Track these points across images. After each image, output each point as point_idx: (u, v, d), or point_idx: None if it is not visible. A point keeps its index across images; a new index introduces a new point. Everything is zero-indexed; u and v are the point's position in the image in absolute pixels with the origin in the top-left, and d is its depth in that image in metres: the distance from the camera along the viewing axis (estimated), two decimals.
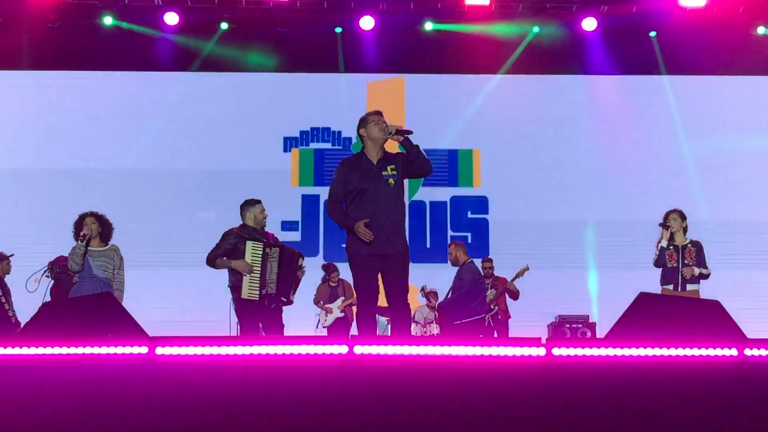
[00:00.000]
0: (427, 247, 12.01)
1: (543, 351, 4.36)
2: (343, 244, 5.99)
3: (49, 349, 4.34)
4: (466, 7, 11.61)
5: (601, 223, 11.98)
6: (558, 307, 10.84)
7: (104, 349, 4.36)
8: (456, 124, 12.10)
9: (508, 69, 12.12)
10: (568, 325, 10.24)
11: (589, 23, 11.81)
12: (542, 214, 11.97)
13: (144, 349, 4.36)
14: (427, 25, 11.85)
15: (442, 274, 10.14)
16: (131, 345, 4.37)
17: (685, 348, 4.38)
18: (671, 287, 7.78)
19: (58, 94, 11.98)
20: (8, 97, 11.97)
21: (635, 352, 4.37)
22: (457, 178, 12.20)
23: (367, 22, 11.76)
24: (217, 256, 7.06)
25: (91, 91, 11.98)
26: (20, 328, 7.11)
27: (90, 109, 11.93)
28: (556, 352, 4.36)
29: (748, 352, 4.42)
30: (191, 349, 4.32)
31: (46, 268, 7.85)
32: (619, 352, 4.37)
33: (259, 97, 12.19)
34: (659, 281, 7.89)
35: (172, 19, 11.61)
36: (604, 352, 4.38)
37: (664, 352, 4.37)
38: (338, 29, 11.91)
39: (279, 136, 12.17)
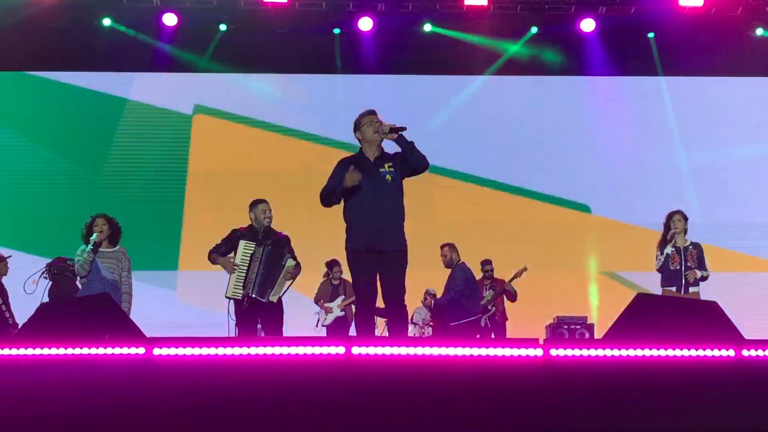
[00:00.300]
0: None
1: (540, 352, 4.36)
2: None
3: (46, 350, 4.33)
4: (465, 8, 11.61)
5: (601, 225, 11.98)
6: (556, 309, 10.82)
7: (101, 350, 4.35)
8: (454, 124, 12.09)
9: (504, 71, 12.10)
10: (566, 326, 10.21)
11: (588, 24, 11.80)
12: (541, 215, 11.97)
13: (141, 350, 4.35)
14: (426, 27, 11.82)
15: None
16: (128, 346, 4.36)
17: (682, 349, 4.39)
18: (674, 289, 7.68)
19: (58, 95, 11.96)
20: (8, 98, 11.96)
21: (632, 353, 4.37)
22: None
23: (365, 24, 11.75)
24: (214, 253, 7.11)
25: (90, 92, 11.96)
26: (17, 329, 7.11)
27: (89, 110, 11.91)
28: (554, 352, 4.37)
29: (745, 353, 4.43)
30: (188, 350, 4.32)
31: (44, 270, 7.82)
32: (617, 353, 4.37)
33: (260, 98, 12.19)
34: (660, 283, 7.78)
35: (170, 21, 11.61)
36: (602, 353, 4.38)
37: (662, 353, 4.37)
38: (336, 30, 11.89)
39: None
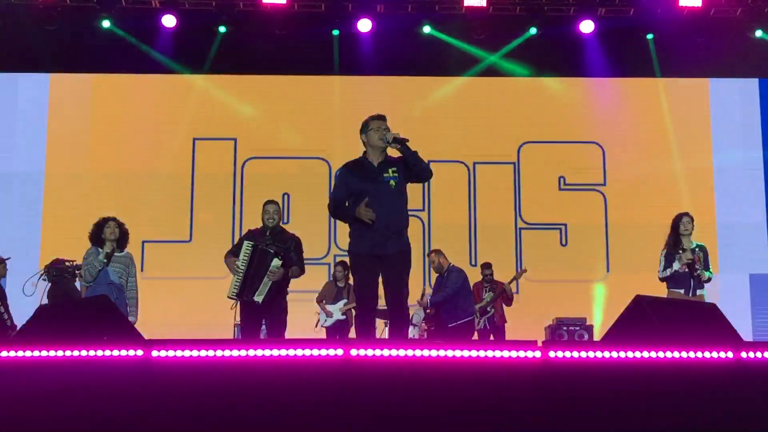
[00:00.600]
0: None
1: (539, 354, 4.36)
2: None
3: (45, 353, 4.32)
4: (464, 9, 11.60)
5: (600, 226, 11.97)
6: (556, 310, 10.83)
7: (100, 352, 4.34)
8: (452, 125, 12.08)
9: (501, 72, 12.11)
10: (566, 328, 10.22)
11: (587, 26, 11.80)
12: (540, 216, 11.97)
13: (140, 352, 4.35)
14: (425, 29, 11.81)
15: None
16: (127, 348, 4.35)
17: (680, 351, 4.38)
18: (682, 291, 7.54)
19: (57, 96, 11.95)
20: (6, 100, 11.96)
21: (631, 354, 4.37)
22: None
23: (364, 25, 11.74)
24: (227, 255, 7.17)
25: (89, 93, 11.96)
26: (16, 331, 7.10)
27: (88, 112, 11.90)
28: (552, 354, 4.37)
29: (744, 355, 4.43)
30: (187, 352, 4.31)
31: (43, 272, 7.83)
32: (615, 354, 4.37)
33: (259, 99, 12.17)
34: (666, 285, 7.65)
35: (169, 22, 11.61)
36: (600, 354, 4.38)
37: (660, 354, 4.37)
38: (335, 32, 11.88)
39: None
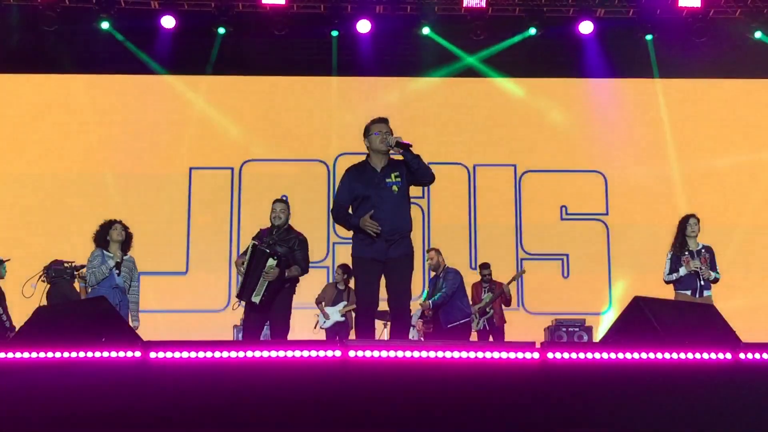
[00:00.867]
0: None
1: (537, 355, 4.35)
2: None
3: (43, 354, 4.32)
4: (464, 10, 11.60)
5: (599, 227, 11.97)
6: (556, 311, 10.83)
7: (98, 354, 4.34)
8: (451, 127, 12.08)
9: (501, 73, 12.12)
10: (565, 329, 10.21)
11: (586, 27, 11.79)
12: (539, 217, 11.97)
13: (137, 354, 4.34)
14: (424, 30, 11.80)
15: None
16: (125, 350, 4.35)
17: (679, 352, 4.38)
18: (688, 293, 7.52)
19: (56, 98, 11.94)
20: (5, 101, 11.96)
21: (629, 355, 4.36)
22: None
23: (363, 26, 11.74)
24: (239, 256, 7.13)
25: (89, 94, 11.95)
26: (14, 333, 7.10)
27: (86, 113, 11.89)
28: (551, 356, 4.36)
29: (742, 356, 4.42)
30: (184, 354, 4.31)
31: (41, 273, 7.82)
32: (613, 356, 4.36)
33: (260, 100, 12.17)
34: (674, 287, 7.63)
35: (168, 23, 11.61)
36: (599, 356, 4.38)
37: (659, 356, 4.36)
38: (335, 33, 11.87)
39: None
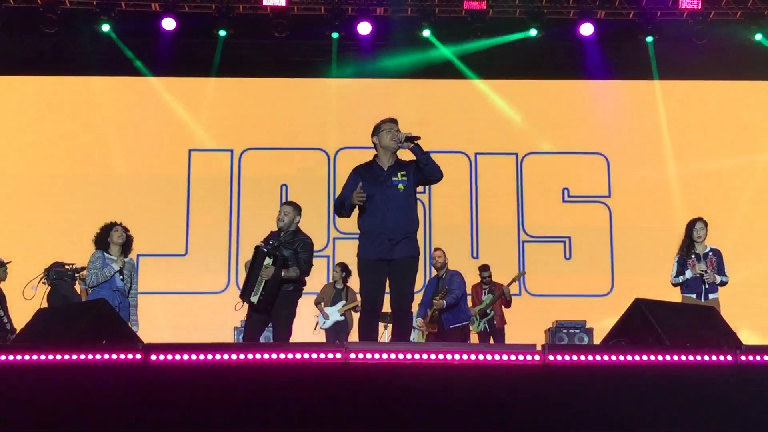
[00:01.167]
0: None
1: (538, 357, 4.35)
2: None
3: (43, 356, 4.32)
4: (464, 11, 11.60)
5: (599, 228, 11.96)
6: (556, 313, 10.82)
7: (98, 356, 4.34)
8: (451, 128, 12.07)
9: (502, 74, 12.10)
10: (565, 331, 10.20)
11: (586, 28, 11.79)
12: (538, 217, 11.96)
13: (138, 356, 4.34)
14: (425, 32, 11.79)
15: None
16: (125, 352, 4.35)
17: (680, 354, 4.38)
18: (694, 296, 7.50)
19: (56, 99, 11.96)
20: (5, 103, 11.97)
21: (630, 358, 4.36)
22: None
23: (364, 28, 11.74)
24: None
25: (88, 96, 11.97)
26: (15, 335, 7.10)
27: (87, 115, 11.90)
28: (552, 358, 4.36)
29: (743, 358, 4.42)
30: (185, 356, 4.31)
31: (42, 275, 7.81)
32: (614, 358, 4.36)
33: (260, 101, 12.17)
34: (680, 290, 7.60)
35: (169, 25, 11.61)
36: (599, 358, 4.37)
37: (659, 358, 4.36)
38: (335, 34, 11.87)
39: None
